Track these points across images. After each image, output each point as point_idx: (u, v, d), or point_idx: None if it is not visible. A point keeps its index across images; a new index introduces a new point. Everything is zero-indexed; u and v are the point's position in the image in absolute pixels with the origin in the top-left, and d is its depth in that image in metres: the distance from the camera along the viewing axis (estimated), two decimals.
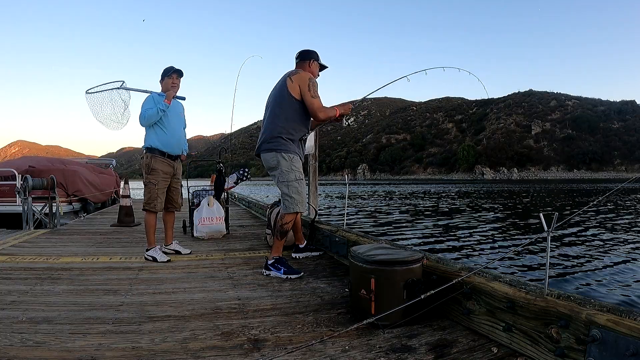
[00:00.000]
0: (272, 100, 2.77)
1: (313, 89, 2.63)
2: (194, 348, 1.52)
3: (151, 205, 3.23)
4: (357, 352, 1.49)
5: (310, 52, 2.86)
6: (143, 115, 3.15)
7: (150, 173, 3.22)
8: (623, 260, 5.74)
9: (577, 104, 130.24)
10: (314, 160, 4.49)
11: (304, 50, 2.86)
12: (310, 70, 2.81)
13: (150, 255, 3.19)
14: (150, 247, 3.24)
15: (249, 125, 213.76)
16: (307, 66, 2.82)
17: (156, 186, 3.23)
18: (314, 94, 2.63)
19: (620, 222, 9.95)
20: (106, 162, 12.36)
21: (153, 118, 3.17)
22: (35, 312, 1.92)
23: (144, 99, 3.31)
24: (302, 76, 2.66)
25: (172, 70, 3.36)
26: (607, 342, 1.15)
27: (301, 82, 2.63)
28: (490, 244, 7.18)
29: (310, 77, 2.67)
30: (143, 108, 3.20)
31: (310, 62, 2.83)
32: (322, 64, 2.92)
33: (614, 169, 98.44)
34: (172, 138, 3.29)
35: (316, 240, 3.53)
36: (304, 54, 2.84)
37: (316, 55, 2.87)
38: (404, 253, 1.91)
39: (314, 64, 2.85)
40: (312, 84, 2.64)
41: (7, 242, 4.00)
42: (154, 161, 3.22)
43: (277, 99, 2.71)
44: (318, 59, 2.88)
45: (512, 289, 1.52)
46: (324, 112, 2.66)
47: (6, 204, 7.09)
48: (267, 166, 2.76)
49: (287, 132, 2.67)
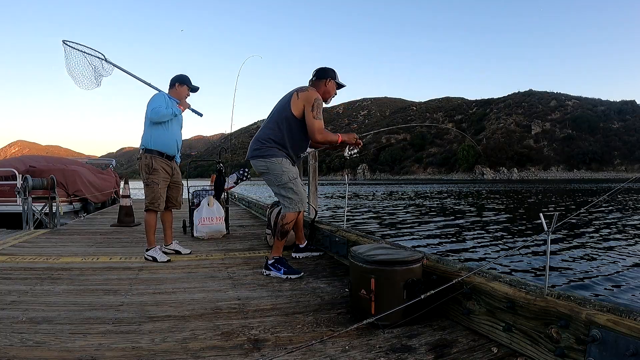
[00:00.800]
0: (275, 110, 2.76)
1: (317, 110, 2.59)
2: (194, 348, 1.52)
3: (155, 204, 3.25)
4: (357, 352, 1.49)
5: (327, 70, 2.83)
6: (157, 111, 3.15)
7: (152, 173, 3.23)
8: (623, 260, 5.74)
9: (577, 104, 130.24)
10: (314, 160, 4.48)
11: (320, 69, 2.84)
12: (325, 90, 2.79)
13: (150, 255, 3.20)
14: (150, 247, 3.25)
15: (249, 125, 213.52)
16: (323, 85, 2.79)
17: (159, 185, 3.25)
18: (317, 115, 2.59)
19: (621, 222, 9.95)
20: (106, 162, 12.36)
21: (165, 118, 3.21)
22: (35, 312, 1.92)
23: (153, 95, 3.32)
24: (308, 95, 2.62)
25: (189, 83, 3.46)
26: (607, 342, 1.15)
27: (306, 100, 2.60)
28: (491, 244, 7.18)
29: (316, 97, 2.62)
30: (155, 104, 3.20)
31: (327, 81, 2.80)
32: (339, 83, 2.88)
33: (614, 169, 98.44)
34: (171, 140, 3.33)
35: (316, 240, 3.53)
36: (320, 73, 2.81)
37: (333, 74, 2.83)
38: (404, 253, 1.91)
39: (330, 83, 2.81)
40: (317, 105, 2.60)
41: (7, 242, 4.00)
42: (154, 161, 3.24)
43: (280, 110, 2.70)
44: (335, 78, 2.84)
45: (512, 289, 1.52)
46: (322, 135, 2.61)
47: (6, 204, 7.10)
48: (257, 172, 2.76)
49: (279, 143, 2.65)
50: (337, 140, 2.69)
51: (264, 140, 2.67)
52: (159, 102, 3.21)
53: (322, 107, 2.67)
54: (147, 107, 3.25)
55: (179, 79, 3.43)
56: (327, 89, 2.81)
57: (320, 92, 2.75)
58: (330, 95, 2.85)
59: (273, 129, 2.67)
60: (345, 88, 2.99)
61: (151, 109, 3.17)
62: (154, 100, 3.24)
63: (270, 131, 2.68)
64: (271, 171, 2.65)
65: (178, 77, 3.44)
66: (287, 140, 2.66)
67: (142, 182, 3.33)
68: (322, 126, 2.62)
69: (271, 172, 2.65)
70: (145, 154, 3.26)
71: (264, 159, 2.65)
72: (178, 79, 3.43)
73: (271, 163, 2.63)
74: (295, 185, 2.66)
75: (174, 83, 3.42)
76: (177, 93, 3.41)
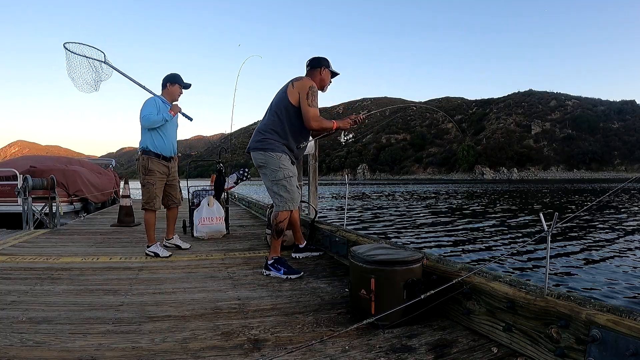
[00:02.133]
0: (273, 103, 2.78)
1: (312, 97, 2.61)
2: (194, 348, 1.52)
3: (150, 204, 3.37)
4: (357, 352, 1.49)
5: (320, 59, 2.84)
6: (148, 118, 3.26)
7: (148, 174, 3.35)
8: (623, 260, 5.74)
9: (577, 103, 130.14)
10: (314, 160, 4.49)
11: (314, 58, 2.84)
12: (321, 78, 2.82)
13: (151, 251, 3.31)
14: (151, 244, 3.37)
15: (249, 125, 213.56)
16: (317, 74, 2.81)
17: (154, 186, 3.37)
18: (311, 103, 2.61)
19: (621, 222, 9.95)
20: (106, 162, 12.36)
21: (156, 124, 3.31)
22: (35, 312, 1.92)
23: (146, 100, 3.40)
24: (303, 83, 2.65)
25: (181, 81, 3.51)
26: (607, 342, 1.15)
27: (301, 89, 2.63)
28: (491, 244, 7.18)
29: (311, 85, 2.65)
30: (147, 110, 3.30)
31: (321, 69, 2.82)
32: (333, 71, 2.91)
33: (614, 169, 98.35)
34: (167, 142, 3.43)
35: (316, 240, 3.53)
36: (314, 62, 2.82)
37: (327, 63, 2.84)
38: (404, 253, 1.91)
39: (325, 72, 2.84)
40: (311, 92, 2.62)
41: (7, 242, 4.00)
42: (150, 162, 3.35)
43: (278, 102, 2.72)
44: (329, 66, 2.86)
45: (512, 289, 1.52)
46: (317, 122, 2.63)
47: (7, 204, 7.10)
48: (256, 164, 2.78)
49: (279, 134, 2.68)
50: (332, 127, 2.72)
51: (264, 131, 2.70)
52: (150, 108, 3.31)
53: (318, 95, 2.69)
54: (140, 112, 3.34)
55: (170, 78, 3.50)
56: (322, 77, 2.83)
57: (316, 81, 2.77)
58: (326, 84, 2.87)
59: (273, 120, 2.70)
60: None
61: (143, 115, 3.28)
62: (145, 107, 3.33)
63: (270, 122, 2.71)
64: (268, 165, 2.66)
65: (169, 77, 3.51)
66: (287, 129, 2.68)
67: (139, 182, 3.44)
68: (317, 113, 2.63)
69: (268, 166, 2.66)
70: (142, 156, 3.37)
71: (264, 152, 2.66)
72: (169, 79, 3.50)
73: (270, 157, 2.65)
74: (288, 184, 2.66)
75: (165, 83, 3.50)
76: (170, 92, 3.49)
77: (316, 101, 2.64)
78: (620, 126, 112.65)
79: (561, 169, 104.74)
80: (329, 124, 2.69)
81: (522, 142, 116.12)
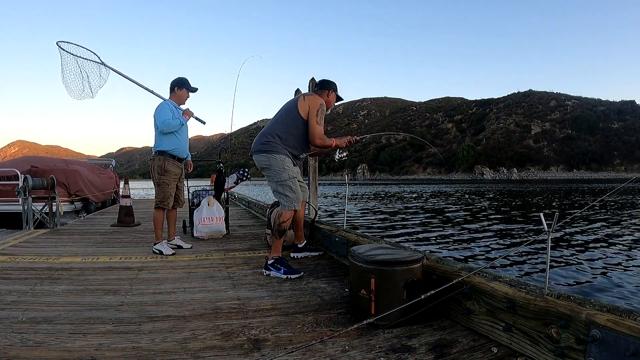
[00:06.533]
0: (282, 110, 2.89)
1: (320, 115, 2.75)
2: (194, 348, 1.52)
3: (164, 203, 3.48)
4: (357, 352, 1.49)
5: (330, 82, 3.02)
6: (167, 124, 3.37)
7: (164, 174, 3.45)
8: (623, 260, 5.74)
9: (577, 104, 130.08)
10: (314, 160, 4.48)
11: (324, 80, 3.03)
12: (327, 100, 2.96)
13: (157, 248, 3.40)
14: (157, 242, 3.46)
15: (249, 125, 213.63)
16: (325, 95, 2.97)
17: (169, 185, 3.48)
18: (320, 121, 2.75)
19: (621, 222, 9.95)
20: (106, 162, 12.36)
21: (174, 129, 3.43)
22: (35, 312, 1.92)
23: (160, 105, 3.46)
24: (315, 100, 2.78)
25: (188, 85, 3.60)
26: (607, 342, 1.15)
27: (312, 104, 2.75)
28: (491, 244, 7.18)
29: (321, 103, 2.78)
30: (165, 116, 3.38)
31: (328, 92, 2.99)
32: (339, 96, 3.07)
33: (614, 169, 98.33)
34: (182, 144, 3.55)
35: (316, 240, 3.53)
36: (324, 84, 3.01)
37: (335, 87, 3.02)
38: (404, 253, 1.91)
39: (331, 95, 3.01)
40: (321, 110, 2.75)
41: (7, 242, 4.00)
42: (167, 163, 3.46)
43: (286, 111, 2.84)
44: (336, 90, 3.04)
45: (512, 289, 1.52)
46: (321, 140, 2.78)
47: (8, 203, 7.10)
48: (259, 167, 2.86)
49: (283, 139, 2.76)
50: (331, 145, 2.86)
51: (269, 135, 2.78)
52: (167, 114, 3.40)
53: (325, 114, 2.82)
54: (155, 117, 3.43)
55: (177, 82, 3.57)
56: (329, 100, 2.99)
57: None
58: (330, 106, 3.04)
59: (280, 126, 2.80)
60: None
61: (161, 121, 3.37)
62: (162, 113, 3.40)
63: (277, 127, 2.80)
64: (272, 167, 2.74)
65: (177, 81, 3.58)
66: (292, 137, 2.77)
67: (152, 182, 3.53)
68: (322, 132, 2.78)
69: (272, 168, 2.74)
70: (158, 156, 3.46)
71: (267, 154, 2.74)
72: (177, 83, 3.57)
73: (273, 159, 2.73)
74: (293, 184, 2.75)
75: (173, 87, 3.57)
76: (178, 96, 3.57)
77: (323, 120, 2.78)
78: (620, 126, 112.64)
79: (561, 169, 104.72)
80: (329, 142, 2.82)
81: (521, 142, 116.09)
